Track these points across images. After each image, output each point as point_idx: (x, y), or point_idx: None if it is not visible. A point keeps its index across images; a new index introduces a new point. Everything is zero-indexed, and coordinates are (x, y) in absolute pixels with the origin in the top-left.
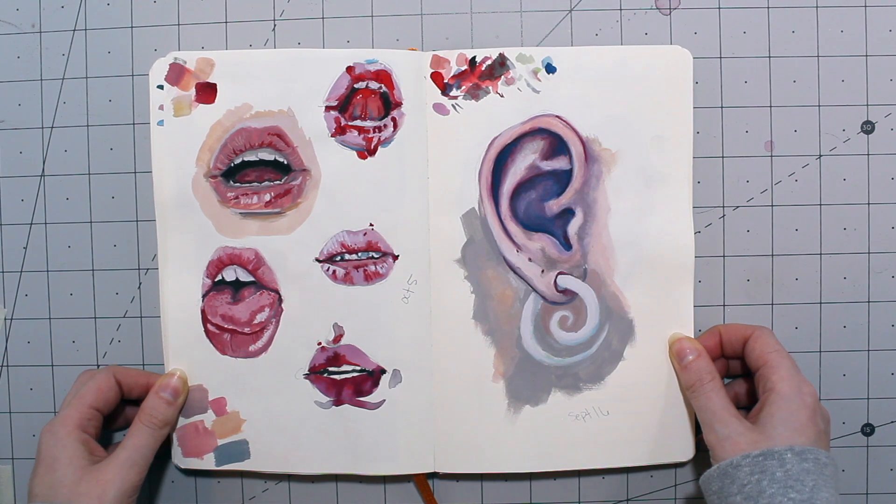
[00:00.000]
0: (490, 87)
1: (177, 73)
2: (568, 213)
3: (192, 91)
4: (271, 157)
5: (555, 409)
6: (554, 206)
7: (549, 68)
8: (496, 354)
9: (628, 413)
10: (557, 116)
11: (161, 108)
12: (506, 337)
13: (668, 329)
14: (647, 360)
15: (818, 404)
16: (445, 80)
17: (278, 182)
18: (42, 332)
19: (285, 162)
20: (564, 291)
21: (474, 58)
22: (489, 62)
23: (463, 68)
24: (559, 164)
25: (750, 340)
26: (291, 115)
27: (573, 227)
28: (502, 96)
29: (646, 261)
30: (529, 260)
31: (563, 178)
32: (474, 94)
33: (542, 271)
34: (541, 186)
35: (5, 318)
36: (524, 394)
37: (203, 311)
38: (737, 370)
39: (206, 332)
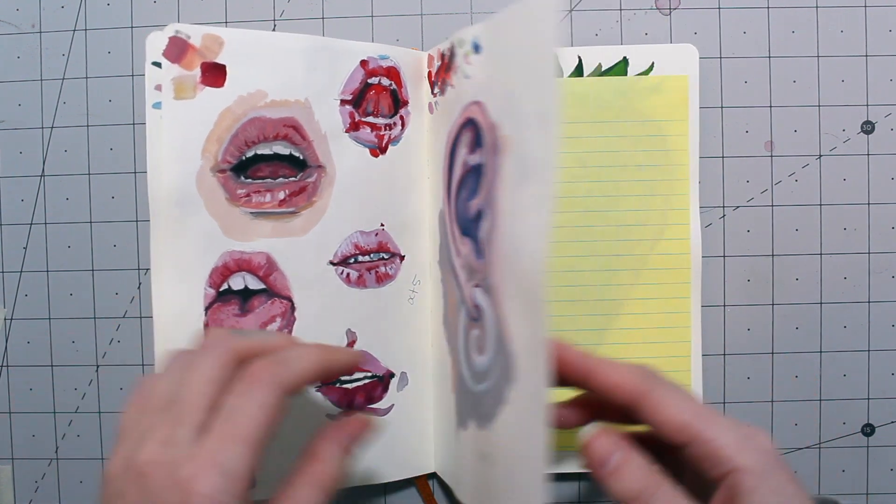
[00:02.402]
0: (449, 80)
1: (179, 49)
2: (482, 215)
3: (197, 71)
4: (286, 152)
5: (470, 441)
6: (473, 206)
7: (476, 48)
8: (451, 365)
9: None
10: (477, 103)
11: (158, 88)
12: (454, 349)
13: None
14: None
15: (806, 496)
16: (433, 79)
17: (293, 179)
18: (42, 332)
19: (301, 157)
20: (477, 306)
21: (443, 51)
22: (449, 53)
23: (439, 64)
24: (478, 157)
25: (701, 441)
26: (308, 106)
27: (483, 232)
28: (454, 87)
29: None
30: (462, 267)
31: (481, 173)
32: (443, 89)
33: (466, 280)
34: (468, 184)
35: (5, 318)
36: (465, 412)
37: (206, 327)
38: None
39: None
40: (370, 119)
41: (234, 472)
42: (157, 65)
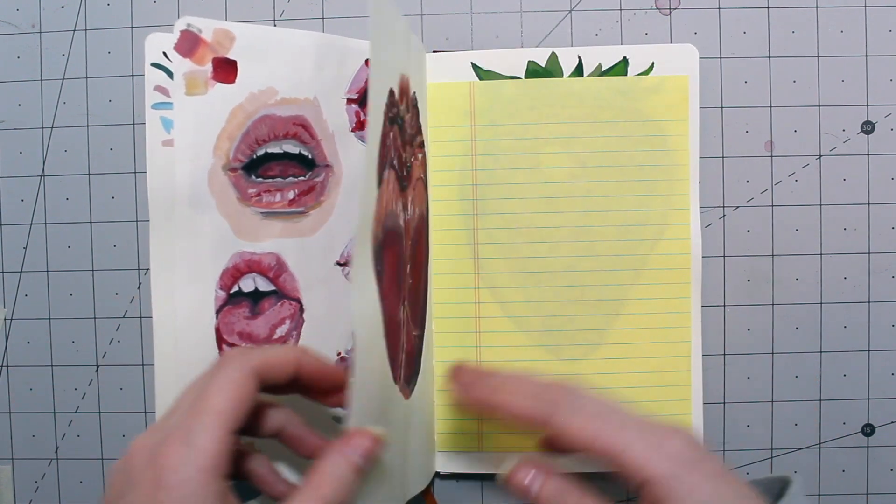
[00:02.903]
0: None
1: (190, 43)
2: None
3: (209, 66)
4: (296, 150)
5: None
6: None
7: None
8: None
9: None
10: None
11: (158, 89)
12: None
13: None
14: None
15: (734, 484)
16: None
17: (302, 178)
18: (42, 332)
19: (310, 156)
20: None
21: None
22: None
23: None
24: None
25: (616, 456)
26: (317, 105)
27: None
28: None
29: None
30: None
31: None
32: None
33: None
34: None
35: (5, 318)
36: None
37: (218, 330)
38: None
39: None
40: None
41: (199, 444)
42: (157, 66)
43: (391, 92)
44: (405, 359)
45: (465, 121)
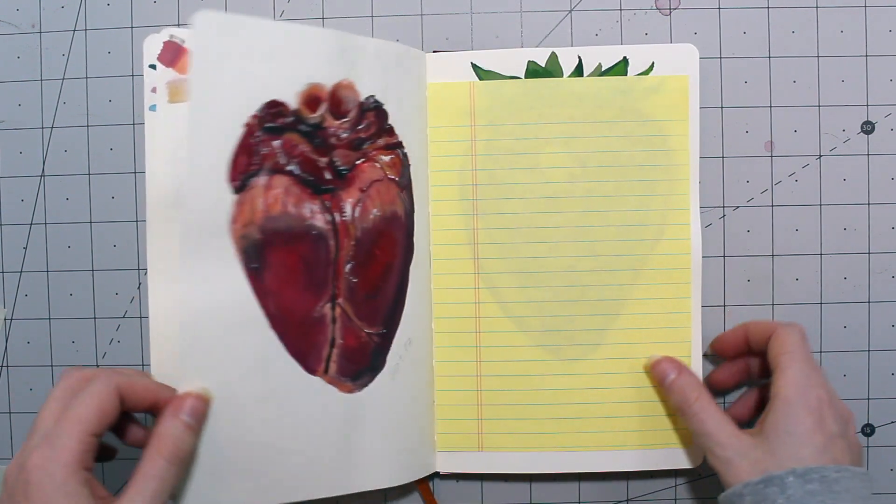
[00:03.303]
0: None
1: (173, 53)
2: None
3: None
4: None
5: None
6: None
7: None
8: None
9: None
10: None
11: (154, 90)
12: None
13: None
14: None
15: (827, 406)
16: None
17: None
18: (42, 332)
19: None
20: None
21: None
22: None
23: None
24: None
25: (771, 340)
26: None
27: None
28: None
29: None
30: None
31: None
32: None
33: None
34: None
35: (5, 318)
36: None
37: None
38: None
39: None
40: None
41: (61, 444)
42: (154, 67)
43: (273, 103)
44: (340, 353)
45: (465, 121)
